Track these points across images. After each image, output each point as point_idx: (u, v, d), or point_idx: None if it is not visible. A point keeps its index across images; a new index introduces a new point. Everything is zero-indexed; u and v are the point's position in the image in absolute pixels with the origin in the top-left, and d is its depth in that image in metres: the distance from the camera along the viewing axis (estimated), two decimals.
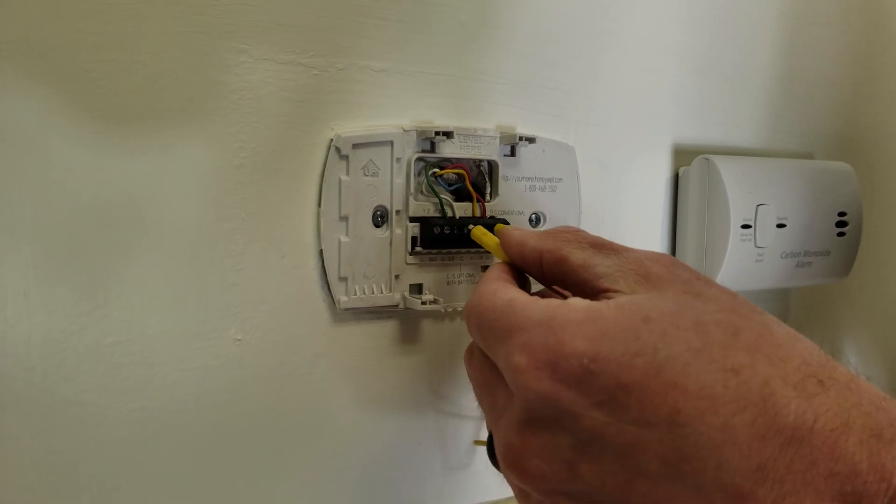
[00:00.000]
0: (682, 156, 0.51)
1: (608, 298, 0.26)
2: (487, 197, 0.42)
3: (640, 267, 0.27)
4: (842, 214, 0.54)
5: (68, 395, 0.32)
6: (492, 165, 0.42)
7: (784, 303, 0.60)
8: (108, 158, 0.32)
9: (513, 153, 0.43)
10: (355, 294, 0.38)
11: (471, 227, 0.39)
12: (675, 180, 0.51)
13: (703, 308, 0.25)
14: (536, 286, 0.34)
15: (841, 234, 0.54)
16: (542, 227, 0.44)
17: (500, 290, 0.29)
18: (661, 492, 0.23)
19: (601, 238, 0.30)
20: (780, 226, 0.50)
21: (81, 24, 0.31)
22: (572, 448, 0.24)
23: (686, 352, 0.23)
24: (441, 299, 0.40)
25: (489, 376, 0.29)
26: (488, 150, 0.41)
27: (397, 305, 0.40)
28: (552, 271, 0.31)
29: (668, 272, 0.27)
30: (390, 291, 0.39)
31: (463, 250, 0.41)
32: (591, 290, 0.28)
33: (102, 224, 0.32)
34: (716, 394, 0.22)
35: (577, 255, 0.29)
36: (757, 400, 0.22)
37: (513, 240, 0.33)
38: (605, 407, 0.23)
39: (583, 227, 0.45)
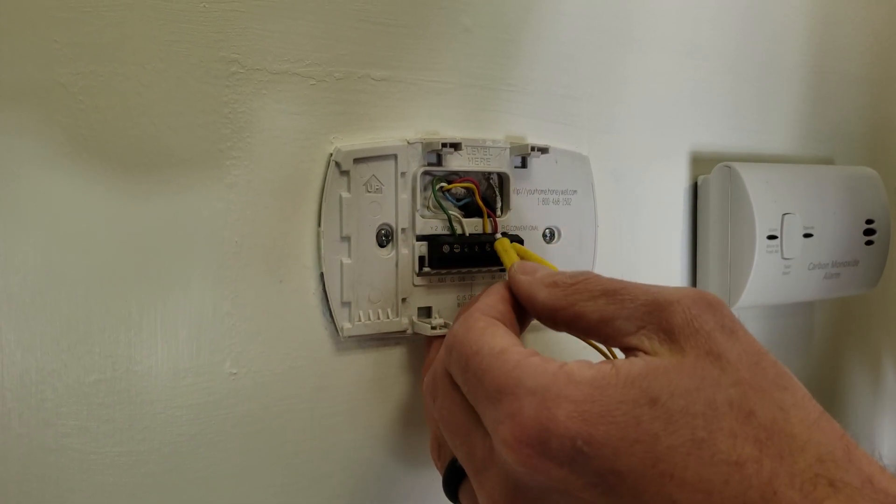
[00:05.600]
0: (700, 164, 0.49)
1: (633, 356, 0.26)
2: (499, 212, 0.39)
3: (661, 319, 0.26)
4: (869, 222, 0.51)
5: (48, 440, 0.30)
6: (502, 178, 0.39)
7: (809, 316, 0.57)
8: (85, 180, 0.29)
9: (524, 165, 0.40)
10: (359, 320, 0.36)
11: (498, 235, 0.38)
12: (694, 190, 0.49)
13: (719, 380, 0.24)
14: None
15: (869, 243, 0.51)
16: (556, 243, 0.41)
17: (491, 333, 0.28)
18: None
19: (613, 281, 0.29)
20: (807, 235, 0.48)
21: (56, 33, 0.28)
22: None
23: (689, 441, 0.22)
24: (452, 323, 0.37)
25: (464, 419, 0.28)
26: (498, 163, 0.39)
27: (405, 331, 0.37)
28: (569, 328, 0.30)
29: (690, 322, 0.25)
30: (397, 316, 0.37)
31: (475, 270, 0.38)
32: (614, 346, 0.28)
33: (81, 252, 0.30)
34: (714, 489, 0.21)
35: (592, 310, 0.28)
36: (757, 500, 0.21)
37: (521, 292, 0.32)
38: (596, 489, 0.23)
39: (599, 242, 0.43)
